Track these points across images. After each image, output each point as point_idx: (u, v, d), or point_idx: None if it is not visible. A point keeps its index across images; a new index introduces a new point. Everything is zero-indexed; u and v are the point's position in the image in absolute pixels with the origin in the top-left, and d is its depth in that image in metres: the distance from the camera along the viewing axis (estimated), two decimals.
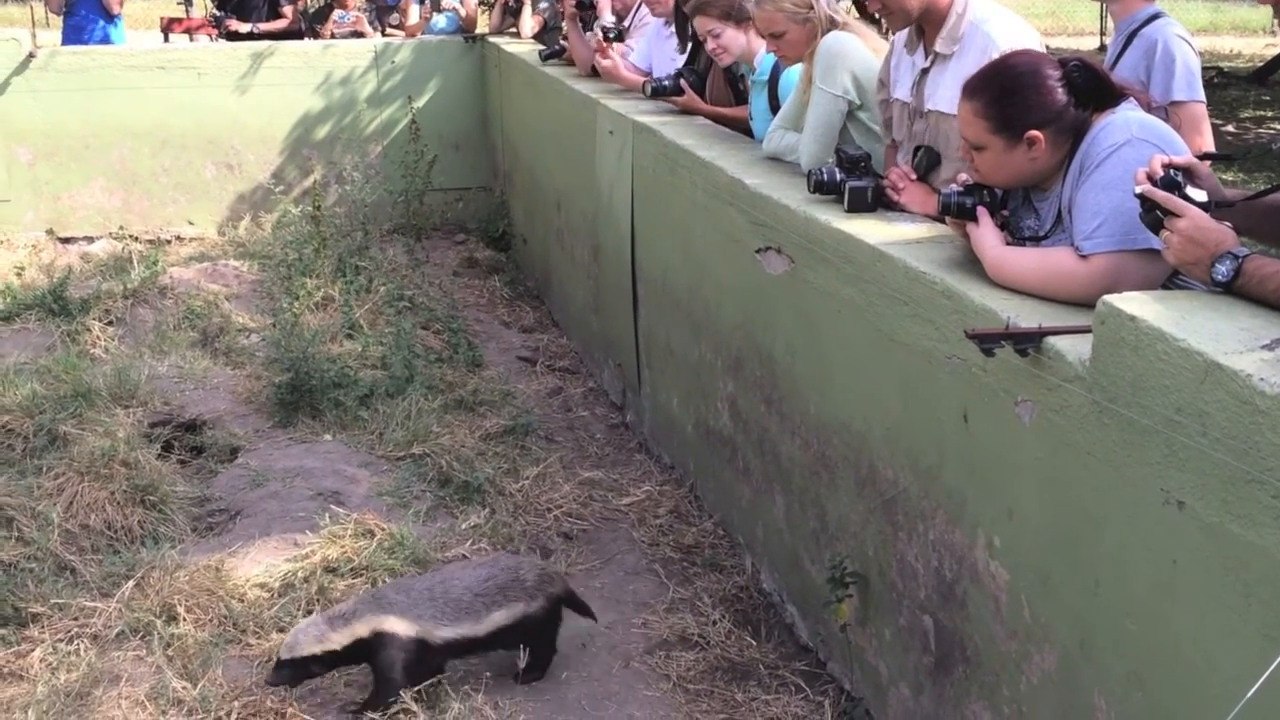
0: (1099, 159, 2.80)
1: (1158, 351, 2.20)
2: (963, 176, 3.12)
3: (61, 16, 10.26)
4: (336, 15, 10.54)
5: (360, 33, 10.56)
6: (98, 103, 8.94)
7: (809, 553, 3.89)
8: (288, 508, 4.74)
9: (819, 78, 4.11)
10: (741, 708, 3.68)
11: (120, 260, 7.85)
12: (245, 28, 10.22)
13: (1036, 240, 2.98)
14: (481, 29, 9.88)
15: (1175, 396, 2.17)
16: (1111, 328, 2.32)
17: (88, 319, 6.66)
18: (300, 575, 4.26)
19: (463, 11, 9.67)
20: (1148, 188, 2.47)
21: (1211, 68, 15.44)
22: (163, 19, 12.46)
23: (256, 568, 4.32)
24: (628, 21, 6.68)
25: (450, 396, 5.91)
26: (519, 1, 9.30)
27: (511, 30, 9.44)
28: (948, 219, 3.14)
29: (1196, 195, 2.45)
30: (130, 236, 8.84)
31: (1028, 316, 2.65)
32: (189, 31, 11.83)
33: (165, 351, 6.43)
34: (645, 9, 6.48)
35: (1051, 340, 2.53)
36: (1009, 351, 2.61)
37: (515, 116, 8.55)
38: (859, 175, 3.67)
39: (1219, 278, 2.35)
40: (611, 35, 6.39)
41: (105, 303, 6.84)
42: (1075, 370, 2.45)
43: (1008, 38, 3.47)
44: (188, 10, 12.30)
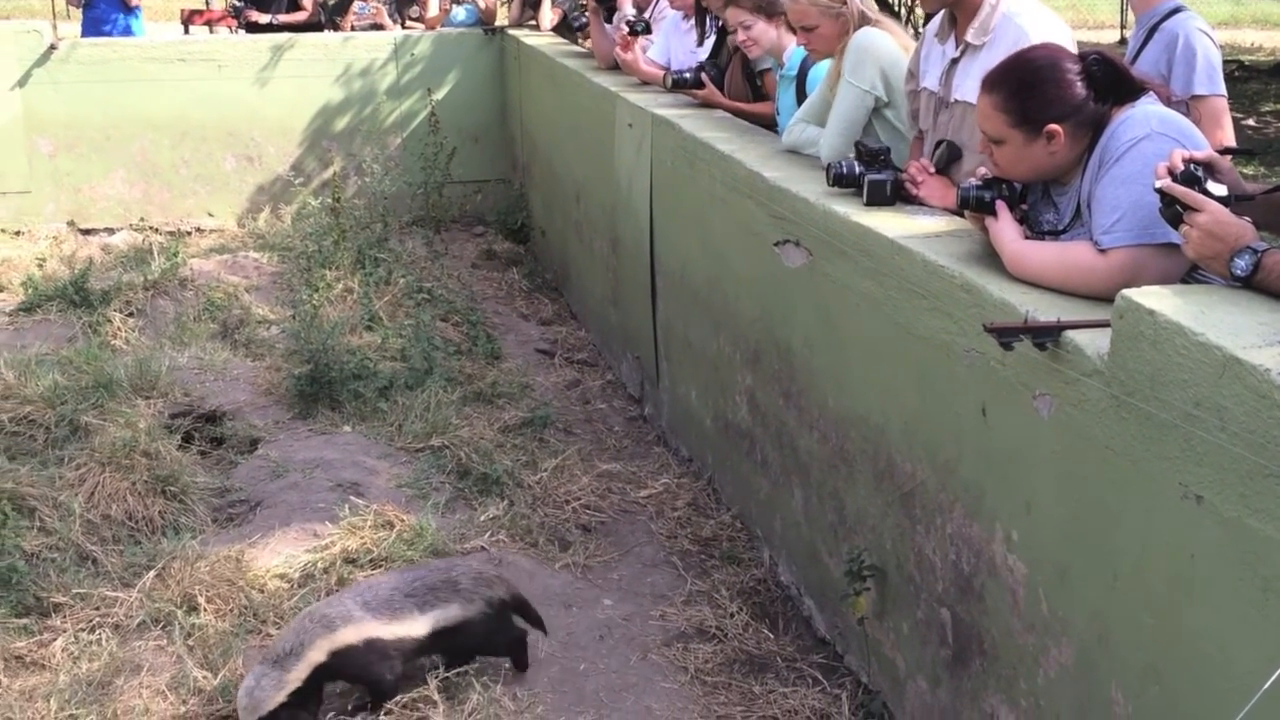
0: (1118, 153, 2.79)
1: (1176, 346, 2.20)
2: (981, 170, 3.12)
3: (81, 9, 10.31)
4: (356, 7, 10.57)
5: (380, 25, 10.59)
6: (118, 95, 8.95)
7: (827, 545, 3.90)
8: (308, 499, 4.76)
9: (848, 71, 4.11)
10: (759, 700, 3.68)
11: (141, 252, 7.87)
12: (265, 19, 10.22)
13: (1055, 234, 2.98)
14: (501, 21, 9.87)
15: (1194, 391, 2.17)
16: (1130, 322, 2.32)
17: (109, 310, 6.68)
18: (320, 566, 4.28)
19: (482, 4, 9.66)
20: (1167, 183, 2.46)
21: (1233, 61, 15.35)
22: (183, 11, 12.52)
23: (277, 558, 4.34)
24: (648, 14, 6.68)
25: (469, 389, 5.92)
26: None
27: (531, 23, 9.43)
28: (966, 213, 3.14)
29: (1216, 190, 2.44)
30: (150, 228, 8.85)
31: (1046, 310, 2.65)
32: (209, 23, 11.87)
33: (186, 343, 6.46)
34: (664, 2, 6.48)
35: (1070, 334, 2.53)
36: (1027, 345, 2.61)
37: (534, 109, 8.56)
38: (878, 168, 3.66)
39: (1238, 272, 2.35)
40: (639, 29, 6.37)
41: (126, 294, 6.85)
42: (1094, 364, 2.45)
43: (1040, 31, 3.45)
44: (208, 2, 12.34)
